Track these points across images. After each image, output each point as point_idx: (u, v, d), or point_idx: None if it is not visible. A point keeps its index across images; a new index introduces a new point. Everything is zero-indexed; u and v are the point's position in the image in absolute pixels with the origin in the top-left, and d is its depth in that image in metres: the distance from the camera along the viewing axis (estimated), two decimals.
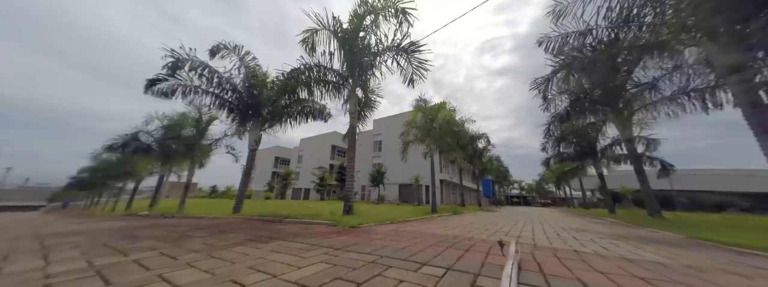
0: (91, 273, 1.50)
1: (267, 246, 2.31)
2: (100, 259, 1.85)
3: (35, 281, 1.37)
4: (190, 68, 6.60)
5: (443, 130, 10.60)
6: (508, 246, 1.90)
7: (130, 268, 1.59)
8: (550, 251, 2.32)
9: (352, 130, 6.72)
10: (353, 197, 5.99)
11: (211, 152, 11.71)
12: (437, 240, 2.73)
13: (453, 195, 28.31)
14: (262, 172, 41.63)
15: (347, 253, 1.98)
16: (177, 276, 1.42)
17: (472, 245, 2.46)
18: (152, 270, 1.55)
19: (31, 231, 4.23)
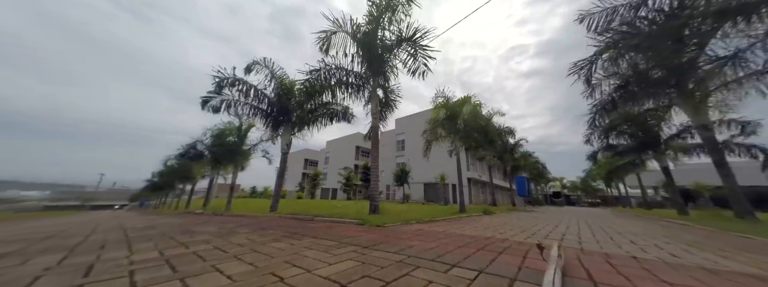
0: (162, 262, 1.78)
1: (300, 242, 2.47)
2: (168, 250, 2.18)
3: (124, 267, 1.67)
4: (231, 85, 7.70)
5: (469, 125, 10.04)
6: (549, 250, 1.73)
7: (191, 259, 1.84)
8: (601, 256, 2.05)
9: (375, 130, 6.81)
10: (378, 196, 6.06)
11: (250, 156, 12.98)
12: (467, 241, 2.61)
13: (483, 194, 26.81)
14: (293, 173, 44.63)
15: (375, 251, 2.01)
16: (227, 267, 1.60)
17: (506, 247, 2.30)
18: (208, 261, 1.77)
19: (117, 225, 5.18)
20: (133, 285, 1.30)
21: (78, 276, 1.48)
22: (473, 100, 10.38)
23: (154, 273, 1.49)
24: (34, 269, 1.66)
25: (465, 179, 21.89)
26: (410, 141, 29.41)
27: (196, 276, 1.42)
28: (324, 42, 6.71)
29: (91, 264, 1.77)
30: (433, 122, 10.63)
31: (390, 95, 7.87)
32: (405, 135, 30.51)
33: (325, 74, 6.92)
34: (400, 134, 31.22)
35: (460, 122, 9.93)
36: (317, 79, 6.96)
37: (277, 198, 7.88)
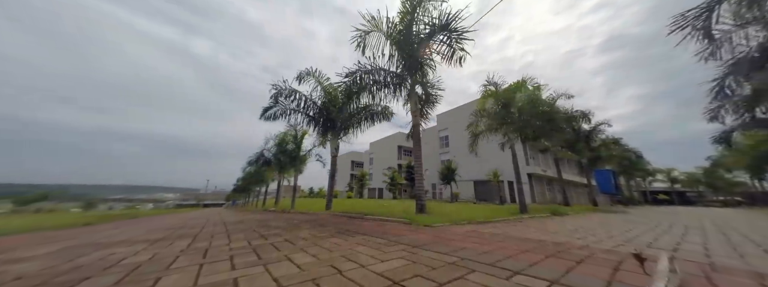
0: (250, 250, 2.20)
1: (353, 239, 2.64)
2: (253, 241, 2.68)
3: (226, 252, 2.14)
4: (285, 96, 8.75)
5: (525, 113, 8.69)
6: (654, 262, 1.35)
7: (269, 248, 2.22)
8: (745, 275, 1.47)
9: (416, 128, 6.70)
10: (424, 195, 5.94)
11: (307, 160, 14.71)
12: (532, 245, 2.29)
13: (550, 192, 23.01)
14: (342, 175, 48.26)
15: (425, 251, 1.98)
16: (296, 257, 1.85)
17: (586, 255, 1.91)
18: (281, 251, 2.09)
19: (220, 220, 6.67)
20: (233, 266, 1.65)
21: (199, 256, 1.98)
22: (530, 83, 8.97)
23: (245, 259, 1.86)
24: (175, 250, 2.30)
25: (524, 175, 19.17)
26: (455, 136, 27.73)
27: (274, 263, 1.69)
28: (360, 42, 6.67)
29: (206, 248, 2.33)
30: (479, 113, 9.65)
31: (430, 90, 7.58)
32: (448, 131, 28.94)
33: (362, 75, 7.04)
34: (443, 130, 29.77)
35: (513, 110, 8.73)
36: (354, 81, 7.22)
37: (330, 198, 8.67)
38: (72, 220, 6.68)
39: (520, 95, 8.65)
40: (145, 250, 2.31)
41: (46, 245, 2.79)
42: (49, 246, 2.67)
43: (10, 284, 1.39)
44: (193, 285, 1.30)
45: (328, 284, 1.28)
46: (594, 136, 16.32)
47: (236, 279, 1.38)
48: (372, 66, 6.97)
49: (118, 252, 2.26)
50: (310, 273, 1.46)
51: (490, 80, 9.32)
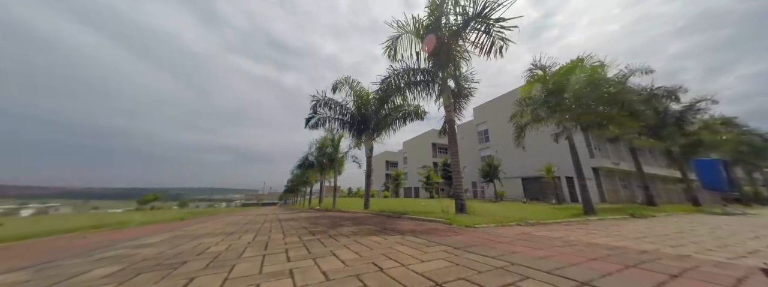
0: (301, 244, 2.44)
1: (392, 238, 2.68)
2: (303, 236, 2.96)
3: (282, 245, 2.42)
4: (322, 105, 9.54)
5: (583, 97, 7.32)
6: None
7: (316, 244, 2.42)
8: None
9: (450, 124, 6.39)
10: (463, 194, 5.62)
11: (344, 162, 15.58)
12: (604, 252, 1.94)
13: (626, 189, 19.18)
14: (378, 175, 49.34)
15: (468, 253, 1.87)
16: (340, 253, 1.98)
17: (687, 268, 1.52)
18: (327, 247, 2.27)
19: (275, 217, 7.58)
20: (288, 258, 1.86)
21: (262, 249, 2.29)
22: (589, 61, 7.54)
23: (298, 252, 2.07)
24: (244, 242, 2.71)
25: (587, 170, 16.36)
26: (495, 130, 25.51)
27: (321, 258, 1.84)
28: (390, 49, 6.76)
29: (266, 242, 2.68)
30: (524, 102, 8.53)
31: (463, 83, 7.19)
32: (487, 124, 26.75)
33: (395, 80, 7.18)
34: (482, 124, 27.65)
35: (567, 95, 7.46)
36: (388, 86, 7.38)
37: (367, 197, 8.97)
38: (171, 216, 8.55)
39: (576, 76, 7.32)
40: (222, 241, 2.79)
41: (157, 235, 3.63)
42: (160, 236, 3.47)
43: (140, 263, 1.85)
44: (259, 273, 1.52)
45: (370, 280, 1.33)
46: (689, 117, 12.55)
47: (291, 270, 1.55)
48: (403, 68, 6.98)
49: (204, 242, 2.79)
50: (354, 269, 1.53)
51: (536, 63, 8.05)
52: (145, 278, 1.47)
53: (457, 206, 5.46)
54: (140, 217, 7.57)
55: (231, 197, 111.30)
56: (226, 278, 1.43)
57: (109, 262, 1.90)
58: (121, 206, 55.46)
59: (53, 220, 8.00)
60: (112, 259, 2.00)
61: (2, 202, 69.65)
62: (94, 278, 1.50)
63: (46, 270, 1.72)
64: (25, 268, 1.77)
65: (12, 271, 1.70)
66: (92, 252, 2.38)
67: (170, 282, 1.38)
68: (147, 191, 64.27)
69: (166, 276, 1.48)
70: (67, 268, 1.75)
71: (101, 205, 73.04)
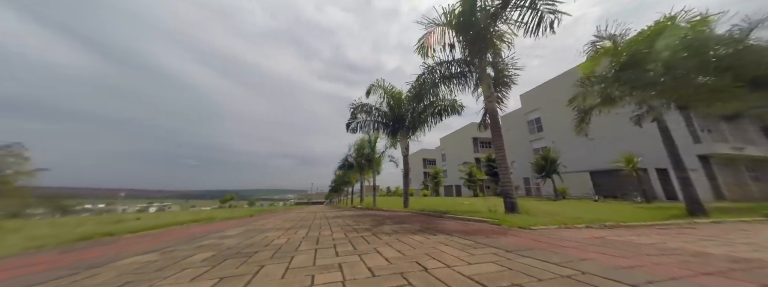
0: (346, 241, 2.61)
1: (434, 237, 2.61)
2: (348, 234, 3.16)
3: (330, 241, 2.63)
4: (360, 110, 10.14)
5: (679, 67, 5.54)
6: None
7: (361, 241, 2.55)
8: None
9: (493, 115, 5.81)
10: (513, 192, 5.07)
11: (381, 162, 15.96)
12: (723, 265, 1.48)
13: (758, 182, 14.29)
14: (415, 173, 48.79)
15: (523, 258, 1.68)
16: (383, 251, 2.04)
17: None
18: (371, 244, 2.36)
19: (322, 215, 8.28)
20: (337, 253, 2.01)
21: (314, 243, 2.53)
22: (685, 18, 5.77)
23: (345, 248, 2.22)
24: (299, 237, 3.05)
25: (691, 159, 12.74)
26: (550, 118, 22.31)
27: (365, 254, 1.93)
28: (422, 47, 6.38)
29: (317, 237, 2.95)
30: (588, 81, 7.06)
31: (504, 69, 6.49)
32: (539, 111, 23.52)
33: (429, 76, 7.02)
34: (532, 112, 24.46)
35: (652, 66, 5.84)
36: (423, 83, 7.26)
37: (406, 196, 8.97)
38: (244, 213, 10.25)
39: (665, 41, 5.66)
40: (282, 235, 3.19)
41: (235, 228, 4.40)
42: (236, 230, 4.19)
43: (225, 251, 2.28)
44: (313, 265, 1.68)
45: (415, 280, 1.32)
46: None
47: (340, 264, 1.67)
48: (436, 62, 6.74)
49: (269, 235, 3.25)
50: (398, 267, 1.56)
51: (602, 33, 6.56)
52: (230, 263, 1.80)
53: (506, 206, 4.97)
54: (222, 213, 9.33)
55: (286, 197, 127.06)
56: (288, 267, 1.64)
57: (205, 249, 2.39)
58: (209, 205, 69.85)
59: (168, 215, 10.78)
60: (206, 247, 2.52)
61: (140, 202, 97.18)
62: (196, 261, 1.91)
63: (167, 253, 2.28)
64: (154, 251, 2.38)
65: (146, 253, 2.31)
66: (193, 240, 3.04)
67: (247, 268, 1.66)
68: (226, 192, 79.08)
69: (243, 263, 1.79)
70: (179, 252, 2.28)
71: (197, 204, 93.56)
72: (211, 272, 1.58)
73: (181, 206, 79.89)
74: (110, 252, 2.43)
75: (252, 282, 1.36)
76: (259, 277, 1.44)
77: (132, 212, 28.89)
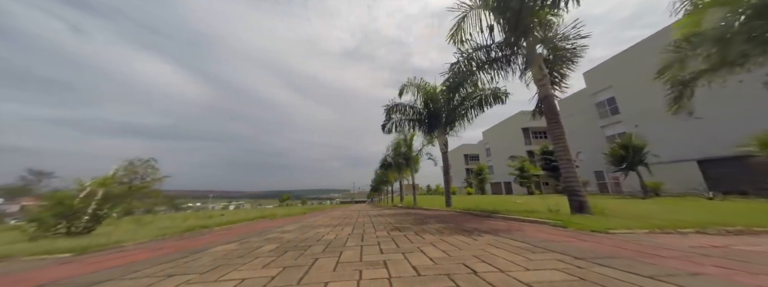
0: (389, 239, 2.65)
1: (482, 238, 2.42)
2: (391, 232, 3.21)
3: (374, 239, 2.72)
4: (394, 110, 10.24)
5: None
6: None
7: (403, 240, 2.55)
8: None
9: (548, 101, 5.03)
10: (581, 188, 4.29)
11: (419, 160, 15.73)
12: None
13: None
14: (457, 171, 46.21)
15: (599, 267, 1.40)
16: (427, 250, 1.99)
17: None
18: (414, 243, 2.34)
19: (365, 213, 8.63)
20: (381, 250, 2.07)
21: (359, 240, 2.66)
22: None
23: (388, 245, 2.26)
24: (345, 233, 3.26)
25: None
26: (628, 96, 18.22)
27: (409, 253, 1.92)
28: (456, 33, 5.87)
29: (362, 234, 3.09)
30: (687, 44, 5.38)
31: (560, 44, 5.48)
32: (612, 90, 19.32)
33: (464, 64, 6.44)
34: (602, 92, 20.27)
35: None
36: (457, 72, 6.72)
37: (448, 195, 8.59)
38: (298, 211, 11.56)
39: None
40: (331, 232, 3.46)
41: (291, 225, 4.98)
42: (293, 226, 4.74)
43: (286, 243, 2.60)
44: (359, 260, 1.77)
45: (464, 283, 1.25)
46: None
47: (385, 262, 1.70)
48: (472, 48, 6.11)
49: (320, 231, 3.57)
50: (444, 268, 1.50)
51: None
52: (290, 254, 2.05)
53: (572, 205, 4.25)
54: (281, 211, 10.72)
55: (332, 196, 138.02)
56: (338, 261, 1.76)
57: (271, 242, 2.78)
58: (271, 204, 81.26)
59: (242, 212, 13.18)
60: (272, 240, 2.93)
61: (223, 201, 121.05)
62: (265, 251, 2.24)
63: (244, 243, 2.74)
64: (234, 242, 2.89)
65: (229, 243, 2.82)
66: (261, 233, 3.57)
67: (304, 259, 1.86)
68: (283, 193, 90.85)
69: (301, 255, 2.01)
70: (252, 243, 2.71)
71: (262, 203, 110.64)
72: (276, 261, 1.83)
73: (251, 204, 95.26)
74: (206, 241, 3.06)
75: (309, 272, 1.51)
76: (314, 269, 1.59)
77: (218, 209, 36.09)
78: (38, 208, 4.17)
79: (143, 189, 5.48)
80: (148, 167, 5.67)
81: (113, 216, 4.91)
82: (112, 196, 4.69)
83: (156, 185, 5.73)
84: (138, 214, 6.65)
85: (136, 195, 5.29)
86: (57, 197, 4.20)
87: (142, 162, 5.60)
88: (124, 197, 4.92)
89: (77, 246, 2.67)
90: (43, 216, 3.99)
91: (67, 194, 4.31)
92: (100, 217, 4.51)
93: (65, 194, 4.33)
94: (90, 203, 4.27)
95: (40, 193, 16.28)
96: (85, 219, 4.19)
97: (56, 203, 4.08)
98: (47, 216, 3.99)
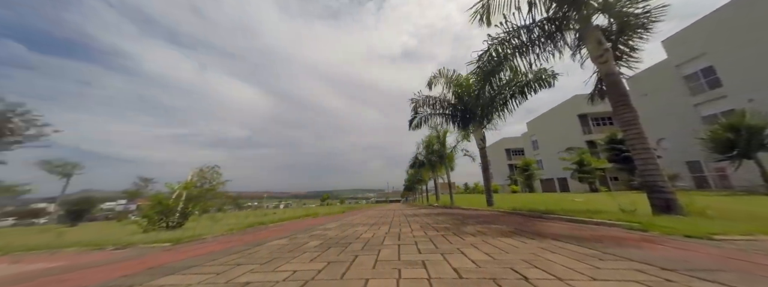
0: (427, 239, 2.59)
1: (534, 242, 2.16)
2: (427, 232, 3.13)
3: (411, 238, 2.70)
4: (421, 104, 9.82)
5: None
6: None
7: (442, 240, 2.46)
8: None
9: (613, 80, 4.21)
10: (667, 183, 3.48)
11: (454, 157, 15.01)
12: None
13: None
14: (498, 167, 42.50)
15: (698, 282, 1.11)
16: (468, 252, 1.88)
17: None
18: (453, 244, 2.24)
19: (401, 213, 8.63)
20: (419, 250, 2.04)
21: (396, 239, 2.68)
22: None
23: (426, 245, 2.21)
24: (382, 232, 3.31)
25: None
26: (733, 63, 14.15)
27: (449, 254, 1.84)
28: (481, 13, 5.28)
29: (399, 233, 3.10)
30: None
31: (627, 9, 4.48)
32: (708, 58, 15.04)
33: (496, 49, 5.72)
34: (692, 61, 16.01)
35: None
36: (488, 60, 5.98)
37: (489, 193, 7.96)
38: (337, 210, 12.28)
39: None
40: (368, 230, 3.57)
41: (332, 223, 5.31)
42: (334, 224, 5.05)
43: (329, 240, 2.79)
44: (398, 259, 1.78)
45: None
46: None
47: (424, 262, 1.67)
48: (507, 30, 5.39)
49: (358, 230, 3.71)
50: (488, 272, 1.39)
51: None
52: (333, 250, 2.19)
53: (654, 203, 3.49)
54: (323, 210, 11.55)
55: (367, 195, 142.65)
56: (377, 259, 1.80)
57: (316, 238, 3.02)
58: (313, 203, 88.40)
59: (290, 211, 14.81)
60: (316, 236, 3.17)
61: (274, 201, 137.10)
62: (312, 246, 2.44)
63: (293, 239, 3.04)
64: (285, 237, 3.23)
65: (281, 238, 3.16)
66: (307, 231, 3.90)
67: (345, 256, 1.96)
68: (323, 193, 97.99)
69: (342, 251, 2.12)
70: (300, 239, 2.98)
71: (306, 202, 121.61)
72: (321, 256, 1.97)
73: (297, 204, 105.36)
74: (263, 236, 3.49)
75: (350, 268, 1.58)
76: (355, 265, 1.66)
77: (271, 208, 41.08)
78: (146, 207, 5.42)
79: (211, 191, 6.62)
80: (214, 173, 6.82)
81: (195, 214, 6.07)
82: (192, 197, 5.80)
83: (220, 188, 6.87)
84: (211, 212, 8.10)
85: (207, 196, 6.42)
86: (157, 198, 5.38)
87: (209, 169, 6.76)
88: (199, 198, 6.01)
89: (173, 237, 3.36)
90: (149, 213, 5.16)
91: (163, 196, 5.48)
92: (186, 214, 5.63)
93: (162, 195, 5.52)
94: (179, 203, 5.35)
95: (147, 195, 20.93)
96: (176, 215, 5.27)
97: (157, 203, 5.23)
98: (152, 213, 5.14)
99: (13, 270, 2.09)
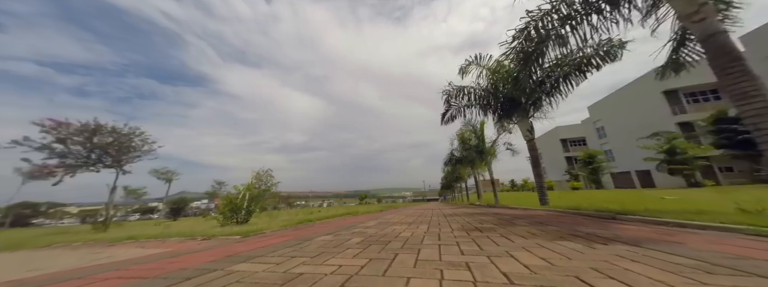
0: (470, 239, 2.45)
1: (605, 247, 1.82)
2: (471, 232, 2.95)
3: (452, 239, 2.58)
4: (454, 96, 9.07)
5: None
6: None
7: (487, 242, 2.29)
8: None
9: (717, 42, 3.24)
10: None
11: (494, 151, 13.75)
12: None
13: None
14: (552, 161, 37.29)
15: None
16: (519, 256, 1.70)
17: None
18: (500, 246, 2.06)
19: (439, 212, 8.33)
20: (462, 251, 1.94)
21: (436, 238, 2.60)
22: None
23: (469, 247, 2.09)
24: (421, 231, 3.26)
25: None
26: None
27: (496, 257, 1.70)
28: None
29: (438, 233, 3.01)
30: None
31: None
32: None
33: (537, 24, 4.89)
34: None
35: None
36: (525, 40, 5.22)
37: (542, 190, 7.03)
38: (376, 208, 12.62)
39: None
40: (407, 229, 3.56)
41: (371, 221, 5.47)
42: (373, 222, 5.20)
43: (369, 238, 2.89)
44: (439, 259, 1.72)
45: None
46: None
47: (468, 264, 1.58)
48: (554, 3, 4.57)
49: (397, 228, 3.74)
50: (547, 279, 1.23)
51: None
52: (374, 248, 2.26)
53: None
54: (362, 209, 12.04)
55: (404, 194, 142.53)
56: (417, 258, 1.79)
57: (357, 235, 3.16)
58: (352, 202, 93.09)
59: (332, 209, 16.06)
60: (357, 233, 3.33)
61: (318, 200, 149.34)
62: (353, 243, 2.57)
63: (337, 235, 3.26)
64: (330, 234, 3.48)
65: (326, 235, 3.41)
66: (349, 228, 4.12)
67: (386, 253, 2.00)
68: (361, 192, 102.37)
69: (383, 249, 2.17)
70: (343, 236, 3.17)
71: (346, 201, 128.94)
72: (363, 253, 2.06)
73: (338, 202, 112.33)
74: (312, 232, 3.84)
75: (392, 265, 1.61)
76: (396, 263, 1.68)
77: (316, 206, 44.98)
78: (221, 206, 6.58)
79: (267, 192, 7.66)
80: (268, 176, 7.85)
81: (257, 212, 7.11)
82: (254, 197, 6.79)
83: (273, 189, 7.91)
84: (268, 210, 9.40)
85: (264, 196, 7.46)
86: (228, 198, 6.46)
87: (264, 172, 7.80)
88: (258, 198, 7.00)
89: (242, 231, 3.97)
90: (224, 210, 6.24)
91: (233, 196, 6.56)
92: (251, 212, 6.61)
93: (232, 196, 6.61)
94: (244, 202, 6.33)
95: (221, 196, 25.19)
96: (243, 212, 6.24)
97: (228, 202, 6.28)
98: (226, 210, 6.20)
99: (142, 253, 2.80)
